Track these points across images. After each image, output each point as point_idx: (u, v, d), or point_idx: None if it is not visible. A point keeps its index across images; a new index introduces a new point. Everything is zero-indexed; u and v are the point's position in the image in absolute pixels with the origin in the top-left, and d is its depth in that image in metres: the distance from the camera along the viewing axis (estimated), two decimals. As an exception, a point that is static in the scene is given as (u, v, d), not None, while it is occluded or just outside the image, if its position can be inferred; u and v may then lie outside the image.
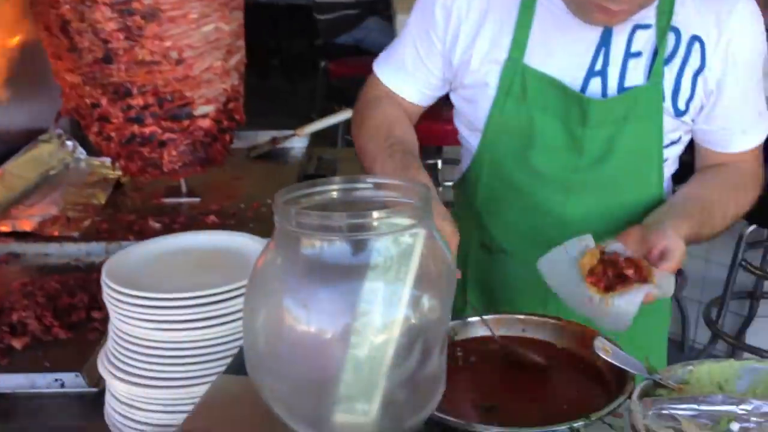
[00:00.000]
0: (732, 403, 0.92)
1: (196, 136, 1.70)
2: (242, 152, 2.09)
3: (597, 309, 1.15)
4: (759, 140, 1.33)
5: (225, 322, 0.95)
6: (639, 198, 1.34)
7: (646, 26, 1.22)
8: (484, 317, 1.18)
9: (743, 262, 2.74)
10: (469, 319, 1.22)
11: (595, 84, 1.24)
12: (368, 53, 4.99)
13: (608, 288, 1.15)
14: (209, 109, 1.71)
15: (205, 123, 1.70)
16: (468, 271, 1.43)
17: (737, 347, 3.00)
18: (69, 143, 1.98)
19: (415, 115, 1.39)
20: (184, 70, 1.64)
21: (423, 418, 0.76)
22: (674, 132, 1.29)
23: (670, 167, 1.36)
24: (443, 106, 1.54)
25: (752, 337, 3.06)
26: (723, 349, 3.07)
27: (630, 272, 1.15)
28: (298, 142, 2.14)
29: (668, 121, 1.26)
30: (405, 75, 1.33)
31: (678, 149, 1.34)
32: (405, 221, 0.70)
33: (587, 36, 1.22)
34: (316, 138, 2.23)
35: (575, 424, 0.94)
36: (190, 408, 0.79)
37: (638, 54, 1.23)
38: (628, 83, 1.24)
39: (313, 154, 2.09)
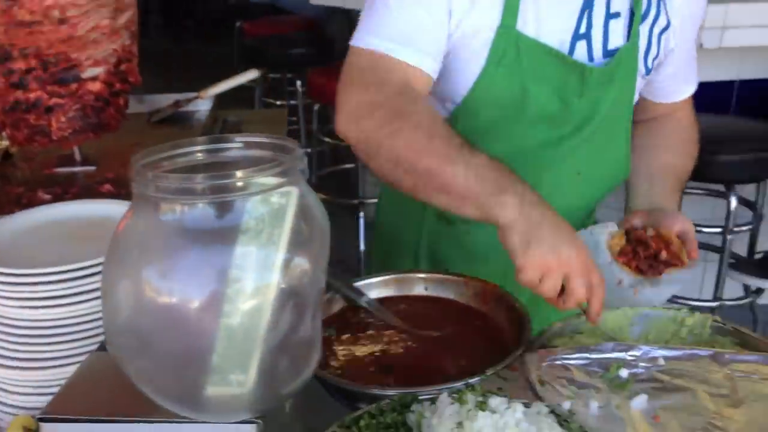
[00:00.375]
0: (622, 350, 0.94)
1: (86, 100, 1.61)
2: (143, 117, 2.00)
3: (624, 294, 1.16)
4: (695, 87, 1.40)
5: (97, 297, 0.89)
6: (610, 166, 1.34)
7: None
8: (355, 282, 1.17)
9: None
10: (368, 281, 1.20)
11: (581, 48, 1.21)
12: (283, 12, 4.90)
13: (639, 269, 1.17)
14: (98, 71, 1.61)
15: (95, 86, 1.60)
16: (421, 242, 1.39)
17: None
18: (-50, 113, 1.85)
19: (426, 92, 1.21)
20: (68, 30, 1.54)
21: (300, 384, 0.74)
22: (638, 92, 1.32)
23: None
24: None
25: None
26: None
27: (664, 254, 1.17)
28: (202, 105, 2.06)
29: (639, 81, 1.29)
30: (426, 50, 1.14)
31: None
32: (273, 180, 0.67)
33: (571, 1, 1.19)
34: (233, 101, 2.15)
35: (471, 380, 0.93)
36: (62, 389, 0.74)
37: (617, 15, 1.22)
38: (611, 45, 1.22)
39: (218, 117, 2.01)
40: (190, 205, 0.66)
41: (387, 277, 1.21)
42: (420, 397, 0.89)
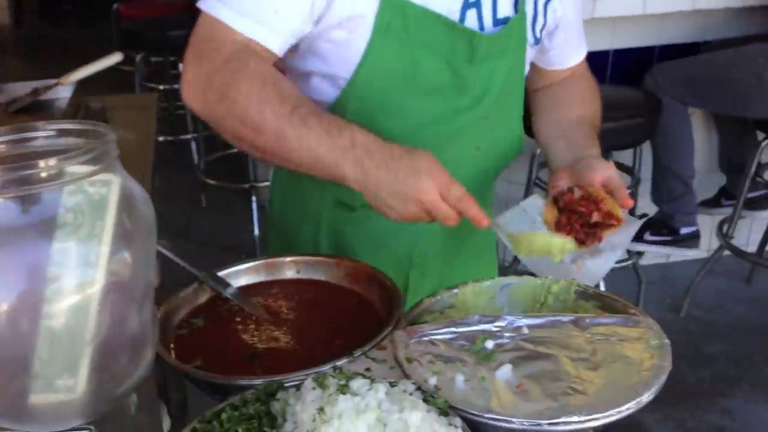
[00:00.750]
0: (487, 322, 0.94)
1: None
2: (1, 107, 1.86)
3: (567, 271, 1.10)
4: (586, 49, 1.43)
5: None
6: (507, 140, 1.32)
7: None
8: (224, 270, 1.13)
9: (537, 180, 2.88)
10: (238, 268, 1.16)
11: (472, 16, 1.18)
12: (161, -7, 4.70)
13: (580, 241, 1.11)
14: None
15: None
16: (321, 233, 1.33)
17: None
18: None
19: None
20: None
21: (135, 383, 0.69)
22: (528, 63, 1.32)
23: None
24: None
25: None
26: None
27: (595, 216, 1.11)
28: (63, 92, 1.93)
29: (528, 51, 1.28)
30: (265, 21, 1.10)
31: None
32: (85, 169, 0.61)
33: None
34: (115, 87, 2.03)
35: (338, 363, 0.91)
36: None
37: None
38: (500, 13, 1.21)
39: (80, 104, 1.89)
40: None
41: (256, 262, 1.17)
42: (286, 385, 0.87)
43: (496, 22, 1.21)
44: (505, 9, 1.21)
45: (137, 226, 0.65)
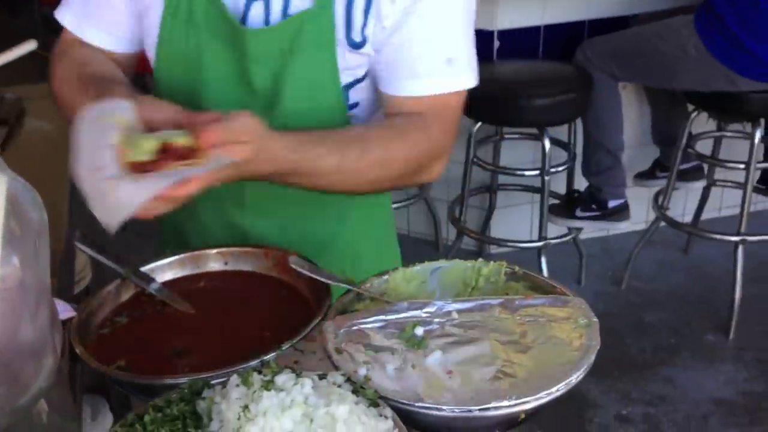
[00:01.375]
0: (416, 308, 0.92)
1: None
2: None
3: (106, 191, 0.85)
4: (435, 89, 1.12)
5: None
6: None
7: None
8: (148, 265, 1.09)
9: (476, 159, 2.89)
10: (162, 262, 1.12)
11: (257, 10, 1.10)
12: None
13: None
14: None
15: None
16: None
17: (482, 241, 3.22)
18: None
19: (122, 66, 1.20)
20: None
21: (39, 391, 0.66)
22: (358, 68, 1.14)
23: (366, 115, 1.20)
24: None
25: (495, 229, 3.28)
26: (471, 243, 3.27)
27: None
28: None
29: (346, 55, 1.11)
30: (89, 17, 1.19)
31: (367, 88, 1.17)
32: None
33: None
34: (40, 76, 1.93)
35: (265, 357, 0.89)
36: None
37: None
38: (292, 9, 1.09)
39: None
40: None
41: (182, 255, 1.13)
42: (212, 383, 0.84)
43: (286, 17, 1.10)
44: (301, 4, 1.09)
45: (26, 229, 0.61)
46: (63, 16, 1.21)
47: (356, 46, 1.11)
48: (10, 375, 0.61)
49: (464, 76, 1.13)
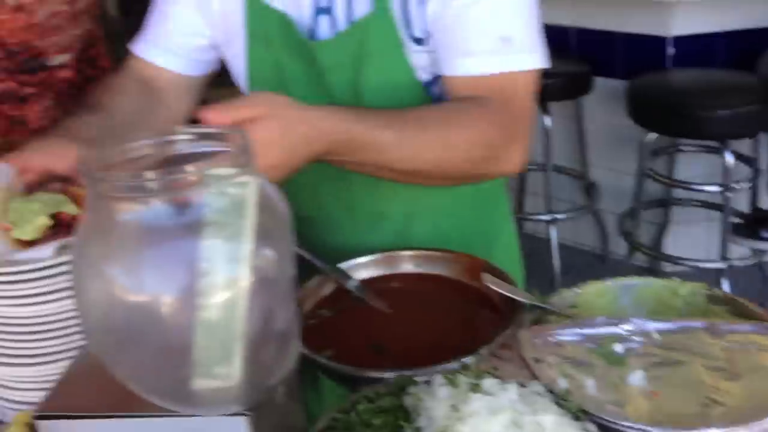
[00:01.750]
0: (613, 324, 0.92)
1: (59, 88, 1.58)
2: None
3: None
4: (491, 67, 1.06)
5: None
6: None
7: None
8: (343, 264, 1.15)
9: (649, 171, 2.79)
10: (357, 261, 1.19)
11: (324, 23, 1.11)
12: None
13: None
14: (65, 58, 1.57)
15: (66, 73, 1.56)
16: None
17: (655, 257, 3.09)
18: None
19: (186, 89, 1.26)
20: (26, 17, 1.50)
21: (283, 374, 0.73)
22: (434, 65, 1.12)
23: None
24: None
25: (670, 246, 3.14)
26: (643, 259, 3.15)
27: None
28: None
29: (416, 54, 1.10)
30: (161, 44, 1.23)
31: None
32: (226, 171, 0.65)
33: None
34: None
35: (465, 360, 0.92)
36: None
37: None
38: (356, 16, 1.09)
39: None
40: (145, 203, 0.64)
41: (377, 256, 1.19)
42: (416, 380, 0.89)
43: (351, 25, 1.10)
44: (362, 9, 1.09)
45: (276, 224, 0.69)
46: (134, 45, 1.26)
47: (420, 42, 1.10)
48: (265, 358, 0.69)
49: (524, 55, 1.07)
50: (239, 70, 1.20)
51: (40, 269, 0.86)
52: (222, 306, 0.66)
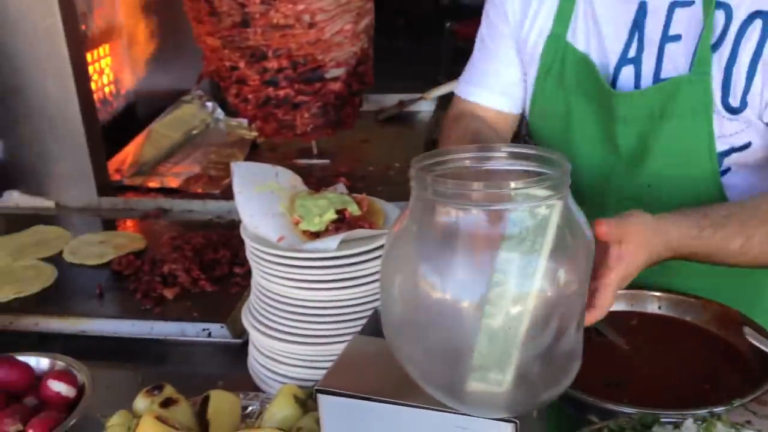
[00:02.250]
0: None
1: (328, 99, 1.74)
2: (370, 115, 2.11)
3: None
4: None
5: (362, 284, 0.98)
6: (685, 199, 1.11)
7: (688, 3, 1.03)
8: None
9: None
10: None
11: (628, 73, 1.09)
12: (495, 13, 4.91)
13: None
14: (340, 72, 1.73)
15: (336, 86, 1.72)
16: None
17: None
18: (209, 104, 2.08)
19: (506, 126, 1.28)
20: (316, 33, 1.67)
21: (557, 394, 0.76)
22: (734, 135, 1.06)
23: (738, 180, 1.11)
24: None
25: None
26: None
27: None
28: (425, 106, 2.14)
29: (721, 122, 1.05)
30: (483, 83, 1.24)
31: (747, 157, 1.09)
32: (542, 192, 0.69)
33: (620, 16, 1.08)
34: (444, 101, 2.22)
35: (716, 409, 0.91)
36: (327, 365, 0.83)
37: (678, 38, 1.04)
38: (665, 73, 1.06)
39: (440, 118, 2.08)
40: (465, 210, 0.70)
41: (620, 292, 1.19)
42: (662, 420, 0.88)
43: (658, 81, 1.05)
44: (675, 68, 1.04)
45: (577, 247, 0.72)
46: (459, 87, 1.27)
47: (734, 111, 1.04)
48: (551, 371, 0.73)
49: None
50: (521, 95, 1.24)
51: (324, 258, 0.97)
52: (507, 316, 0.70)
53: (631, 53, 1.08)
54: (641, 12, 1.06)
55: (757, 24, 0.99)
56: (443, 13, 5.52)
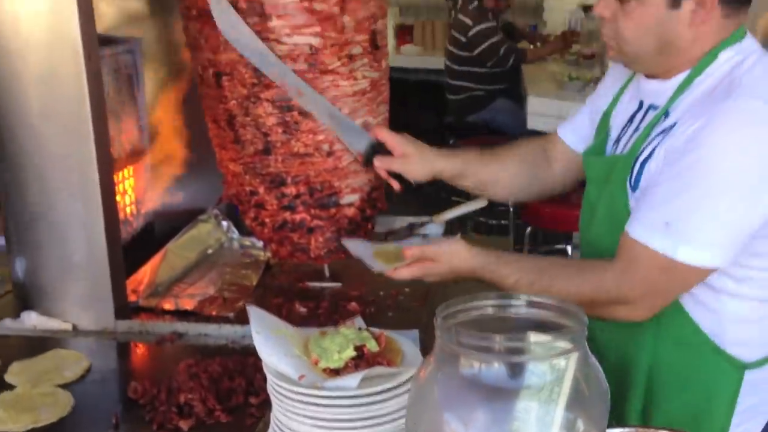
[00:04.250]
0: None
1: (342, 223, 1.79)
2: (379, 237, 2.15)
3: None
4: (636, 233, 1.25)
5: (383, 423, 0.99)
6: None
7: (656, 107, 1.33)
8: None
9: None
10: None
11: (613, 143, 1.43)
12: (498, 133, 5.08)
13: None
14: (354, 198, 1.79)
15: (350, 211, 1.78)
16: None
17: None
18: (224, 223, 2.13)
19: (564, 156, 1.65)
20: (334, 161, 1.74)
21: None
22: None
23: None
24: (572, 192, 1.76)
25: None
26: None
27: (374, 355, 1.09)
28: (434, 229, 2.18)
29: (633, 198, 1.32)
30: (573, 126, 1.64)
31: None
32: (560, 344, 0.73)
33: (630, 107, 1.41)
34: (452, 224, 2.27)
35: None
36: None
37: (638, 129, 1.36)
38: (619, 150, 1.40)
39: (449, 241, 2.13)
40: (487, 363, 0.73)
41: None
42: None
43: (612, 156, 1.42)
44: (623, 149, 1.38)
45: (592, 396, 0.75)
46: (560, 128, 1.67)
47: (633, 189, 1.31)
48: None
49: (682, 246, 1.18)
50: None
51: (345, 397, 0.98)
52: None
53: (615, 133, 1.44)
54: (638, 110, 1.39)
55: (669, 134, 1.26)
56: (447, 130, 5.71)
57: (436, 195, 2.35)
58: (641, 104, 1.38)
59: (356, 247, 1.66)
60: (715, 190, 1.17)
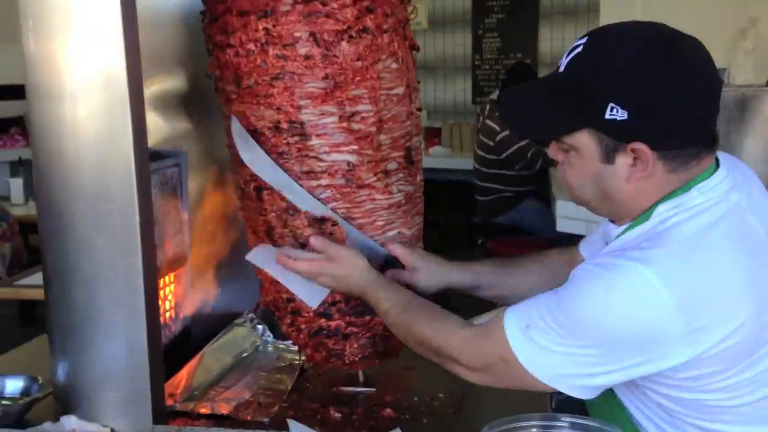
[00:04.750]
0: None
1: (376, 330, 1.82)
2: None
3: None
4: (507, 313, 1.30)
5: None
6: None
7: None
8: None
9: None
10: None
11: None
12: (526, 233, 5.13)
13: None
14: (387, 307, 1.83)
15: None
16: None
17: None
18: (259, 327, 2.18)
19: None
20: (369, 272, 1.79)
21: None
22: None
23: None
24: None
25: None
26: None
27: None
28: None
29: None
30: (588, 242, 1.68)
31: None
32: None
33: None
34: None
35: None
36: None
37: None
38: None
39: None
40: None
41: None
42: None
43: None
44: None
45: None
46: (581, 242, 1.70)
47: None
48: None
49: (527, 351, 1.20)
50: None
51: None
52: None
53: None
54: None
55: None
56: (475, 230, 5.78)
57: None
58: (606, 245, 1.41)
59: (263, 254, 1.75)
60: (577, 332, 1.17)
